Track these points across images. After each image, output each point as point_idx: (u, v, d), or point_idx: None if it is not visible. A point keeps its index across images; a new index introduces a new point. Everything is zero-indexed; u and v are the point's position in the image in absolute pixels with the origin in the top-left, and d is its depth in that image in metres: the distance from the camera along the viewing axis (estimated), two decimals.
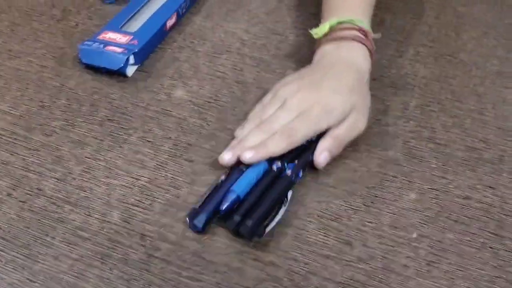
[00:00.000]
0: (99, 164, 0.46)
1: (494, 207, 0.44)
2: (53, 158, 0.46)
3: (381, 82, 0.55)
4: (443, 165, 0.47)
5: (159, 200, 0.43)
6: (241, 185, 0.42)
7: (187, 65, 0.56)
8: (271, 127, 0.44)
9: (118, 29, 0.57)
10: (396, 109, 0.52)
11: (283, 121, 0.44)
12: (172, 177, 0.45)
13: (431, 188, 0.45)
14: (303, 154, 0.45)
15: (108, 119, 0.50)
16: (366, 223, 0.42)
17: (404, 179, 0.46)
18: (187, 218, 0.41)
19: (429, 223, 0.42)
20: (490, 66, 0.57)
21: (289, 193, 0.43)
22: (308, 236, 0.41)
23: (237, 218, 0.40)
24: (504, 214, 0.43)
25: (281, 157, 0.44)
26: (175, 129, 0.49)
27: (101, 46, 0.54)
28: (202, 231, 0.41)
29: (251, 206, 0.41)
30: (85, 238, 0.41)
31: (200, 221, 0.40)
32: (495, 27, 0.62)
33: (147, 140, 0.48)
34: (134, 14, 0.60)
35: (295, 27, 0.60)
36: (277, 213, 0.41)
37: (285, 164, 0.44)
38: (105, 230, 0.41)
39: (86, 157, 0.47)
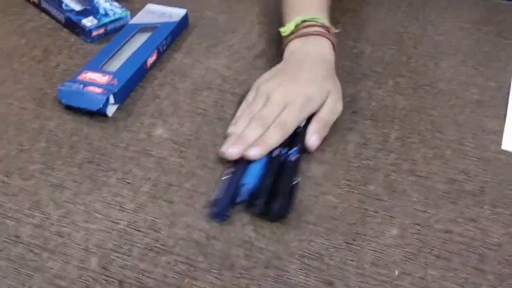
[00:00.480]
0: (78, 208, 0.46)
1: (476, 240, 0.43)
2: (31, 203, 0.46)
3: (361, 114, 0.55)
4: (425, 199, 0.47)
5: (138, 244, 0.43)
6: (251, 177, 0.46)
7: (168, 103, 0.56)
8: (265, 122, 0.49)
9: (98, 69, 0.57)
10: (376, 142, 0.52)
11: (273, 115, 0.50)
12: (152, 220, 0.45)
13: (413, 223, 0.45)
14: (297, 139, 0.50)
15: (88, 161, 0.50)
16: (347, 261, 0.42)
17: (385, 214, 0.45)
18: (211, 205, 0.45)
19: (411, 260, 0.42)
20: (470, 94, 0.58)
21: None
22: (289, 277, 0.41)
23: (261, 200, 0.44)
24: (486, 248, 0.43)
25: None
26: (155, 169, 0.49)
27: (81, 86, 0.54)
28: (222, 218, 0.44)
29: (270, 190, 0.45)
30: (62, 287, 0.40)
31: (220, 208, 0.44)
32: (473, 55, 0.63)
33: (127, 182, 0.48)
34: (114, 53, 0.60)
35: (277, 62, 0.60)
36: (293, 194, 0.46)
37: (284, 150, 0.48)
38: (83, 277, 0.41)
39: (65, 201, 0.46)
